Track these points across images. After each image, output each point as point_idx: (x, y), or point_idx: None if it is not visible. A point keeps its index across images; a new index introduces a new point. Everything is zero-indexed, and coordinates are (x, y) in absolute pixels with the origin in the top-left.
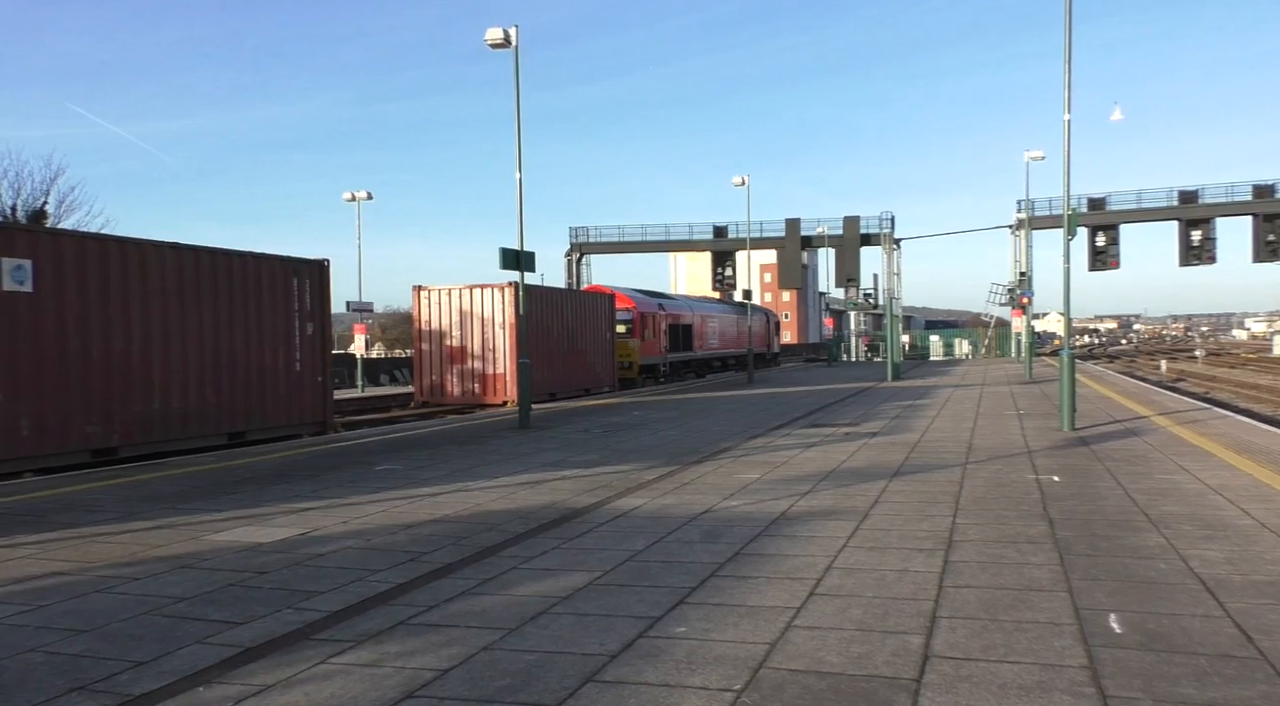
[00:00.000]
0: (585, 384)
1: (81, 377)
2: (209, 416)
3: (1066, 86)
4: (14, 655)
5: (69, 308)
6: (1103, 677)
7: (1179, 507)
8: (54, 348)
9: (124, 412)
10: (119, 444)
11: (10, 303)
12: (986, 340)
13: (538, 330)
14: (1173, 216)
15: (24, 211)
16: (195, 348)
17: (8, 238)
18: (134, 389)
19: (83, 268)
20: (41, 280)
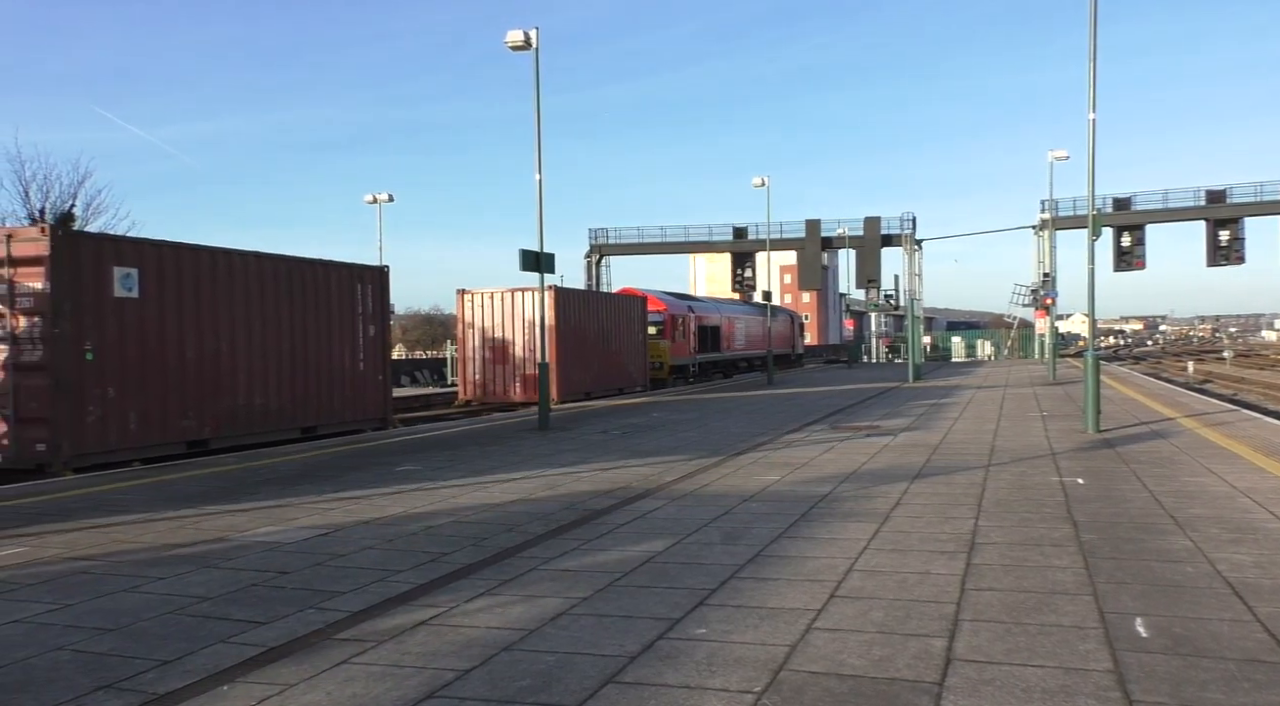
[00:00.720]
0: (619, 384)
1: (179, 376)
2: (285, 412)
3: (1091, 85)
4: (42, 653)
5: (169, 312)
6: (1128, 682)
7: (1206, 510)
8: (156, 348)
9: (214, 408)
10: (209, 436)
11: (120, 307)
12: (1009, 341)
13: (575, 332)
14: (1200, 216)
15: (52, 214)
16: (274, 348)
17: (118, 248)
18: (222, 386)
19: (180, 275)
20: (146, 287)
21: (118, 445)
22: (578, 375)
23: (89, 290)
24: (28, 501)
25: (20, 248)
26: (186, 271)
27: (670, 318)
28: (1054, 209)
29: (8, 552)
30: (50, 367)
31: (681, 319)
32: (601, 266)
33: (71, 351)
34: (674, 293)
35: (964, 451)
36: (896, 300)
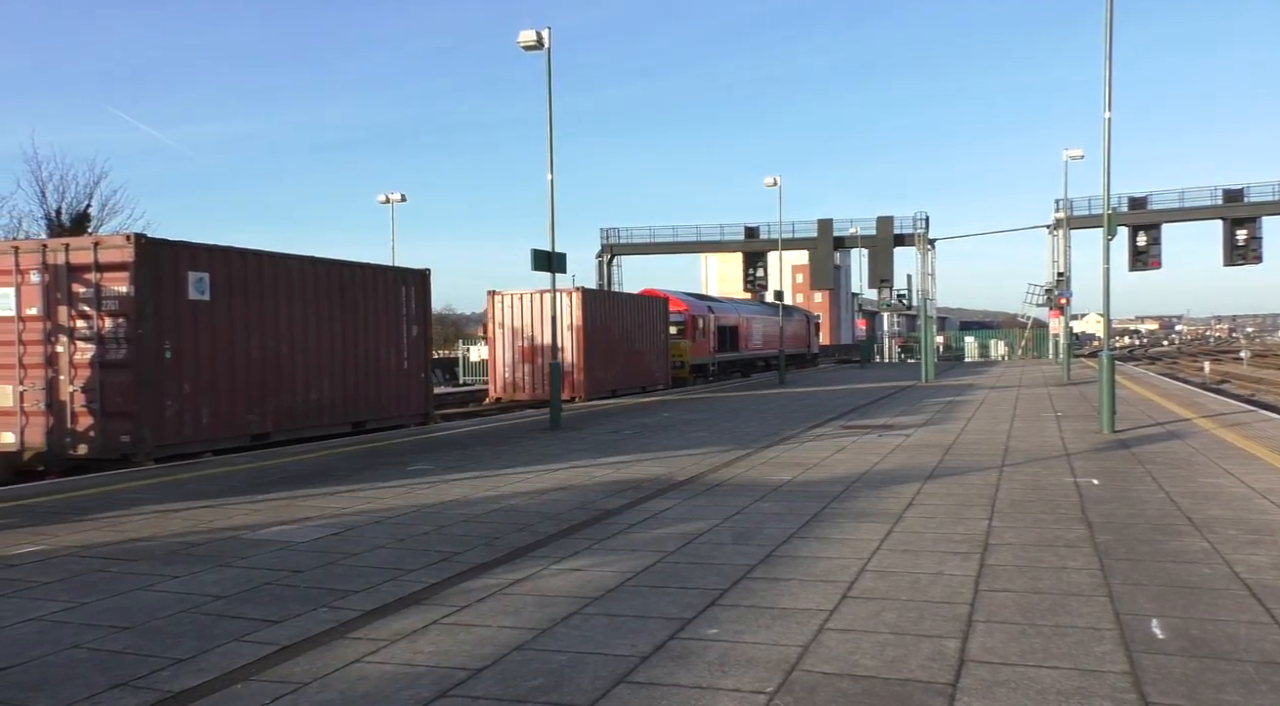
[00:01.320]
0: (643, 382)
1: (244, 373)
2: (338, 408)
3: (1107, 84)
4: (59, 651)
5: (236, 313)
6: (1144, 684)
7: (1223, 511)
8: (225, 348)
9: (275, 404)
10: (271, 430)
11: (193, 309)
12: (1023, 341)
13: (601, 332)
14: (1217, 216)
15: (68, 214)
16: (327, 348)
17: (192, 253)
18: (283, 383)
19: (245, 278)
20: (216, 290)
21: (192, 438)
22: (603, 374)
23: (167, 293)
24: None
25: (106, 254)
26: (251, 275)
27: (691, 318)
28: (1069, 208)
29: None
30: (133, 365)
31: (701, 319)
32: (613, 266)
33: (152, 350)
34: (694, 293)
35: (977, 451)
36: (909, 300)
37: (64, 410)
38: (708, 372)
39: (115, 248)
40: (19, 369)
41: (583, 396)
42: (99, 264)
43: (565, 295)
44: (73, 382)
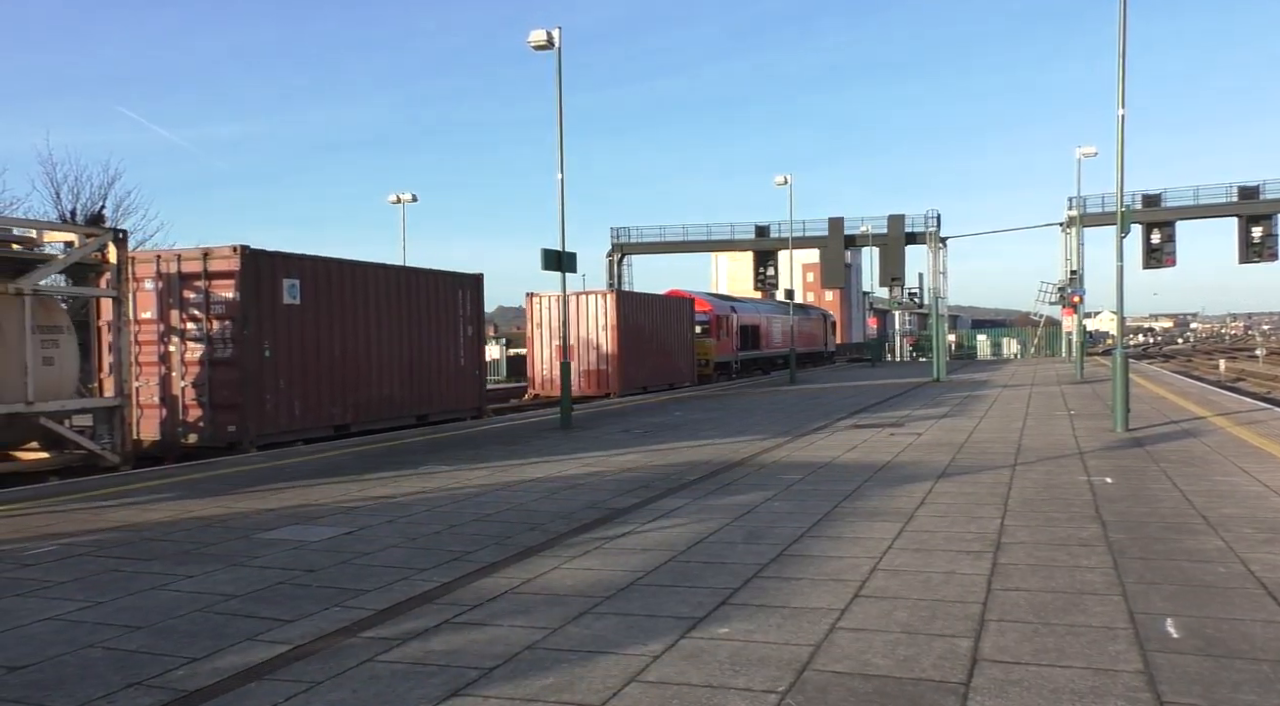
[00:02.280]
0: (670, 379)
1: (328, 370)
2: (405, 401)
3: (1121, 81)
4: (75, 650)
5: (321, 316)
6: (1159, 683)
7: (1239, 510)
8: (313, 347)
9: (353, 397)
10: (350, 422)
11: (287, 313)
12: (1036, 340)
13: (633, 332)
14: (1232, 213)
15: (83, 215)
16: (396, 346)
17: (285, 262)
18: (360, 379)
19: (328, 284)
20: (305, 295)
21: (287, 428)
22: (634, 371)
23: (265, 298)
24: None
25: (215, 264)
26: (333, 281)
27: (715, 318)
28: (1082, 205)
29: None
30: (239, 363)
31: (725, 319)
32: (623, 265)
33: (254, 349)
34: (718, 294)
35: (990, 450)
36: (921, 298)
37: (176, 403)
38: (731, 370)
39: (223, 258)
40: (135, 367)
41: (617, 392)
42: (208, 272)
43: (600, 297)
44: (184, 379)
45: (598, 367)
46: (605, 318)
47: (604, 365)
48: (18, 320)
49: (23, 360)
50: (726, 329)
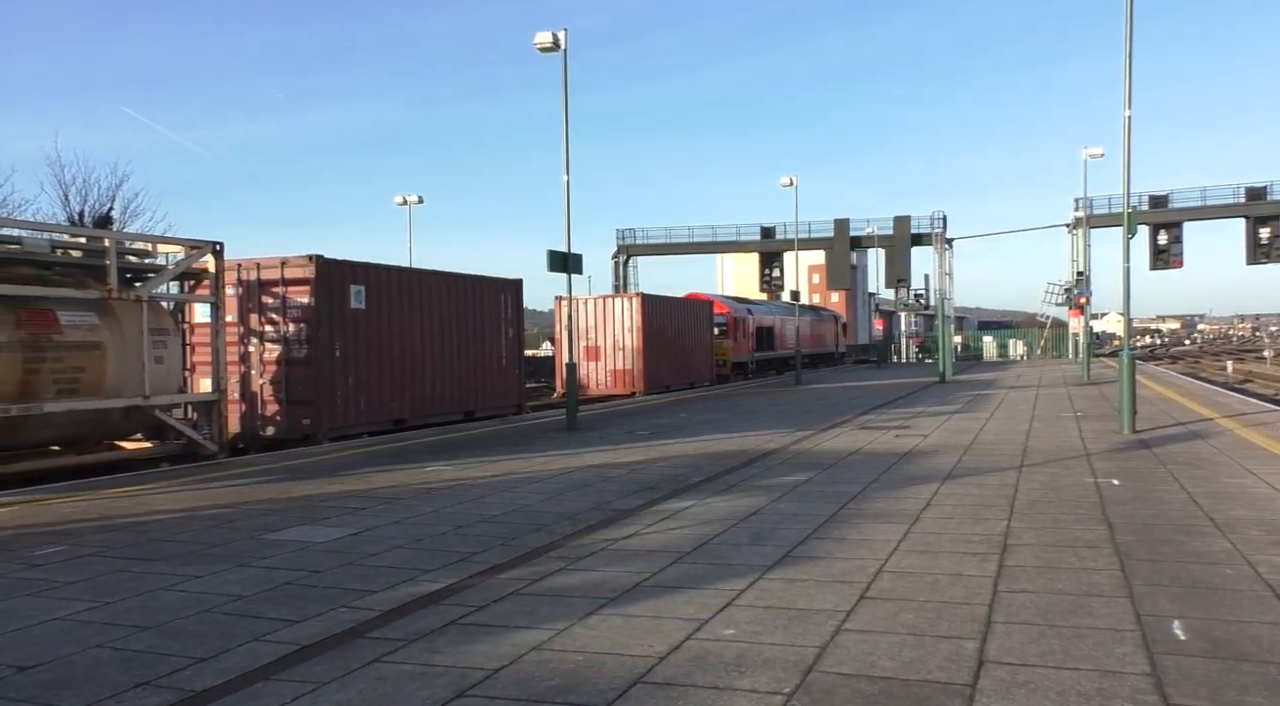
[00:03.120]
0: (691, 378)
1: (389, 369)
2: (454, 398)
3: (1127, 82)
4: (83, 650)
5: (382, 319)
6: (1166, 686)
7: (1246, 512)
8: (376, 348)
9: (410, 394)
10: (407, 416)
11: (354, 316)
12: (1042, 341)
13: (657, 334)
14: (1239, 214)
15: (91, 216)
16: (447, 347)
17: (353, 270)
18: (416, 377)
19: (388, 290)
20: (369, 300)
21: (354, 421)
22: (657, 371)
23: (336, 303)
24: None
25: (291, 271)
26: (393, 287)
27: (732, 320)
28: (1088, 207)
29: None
30: (313, 363)
31: (741, 321)
32: (629, 267)
33: (327, 350)
34: (734, 297)
35: (996, 452)
36: (927, 300)
37: (255, 399)
38: (747, 370)
39: (298, 266)
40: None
41: (641, 391)
42: (285, 279)
43: (626, 300)
44: (262, 377)
45: (623, 367)
46: (631, 320)
47: (629, 365)
48: (136, 323)
49: (140, 359)
50: (743, 331)
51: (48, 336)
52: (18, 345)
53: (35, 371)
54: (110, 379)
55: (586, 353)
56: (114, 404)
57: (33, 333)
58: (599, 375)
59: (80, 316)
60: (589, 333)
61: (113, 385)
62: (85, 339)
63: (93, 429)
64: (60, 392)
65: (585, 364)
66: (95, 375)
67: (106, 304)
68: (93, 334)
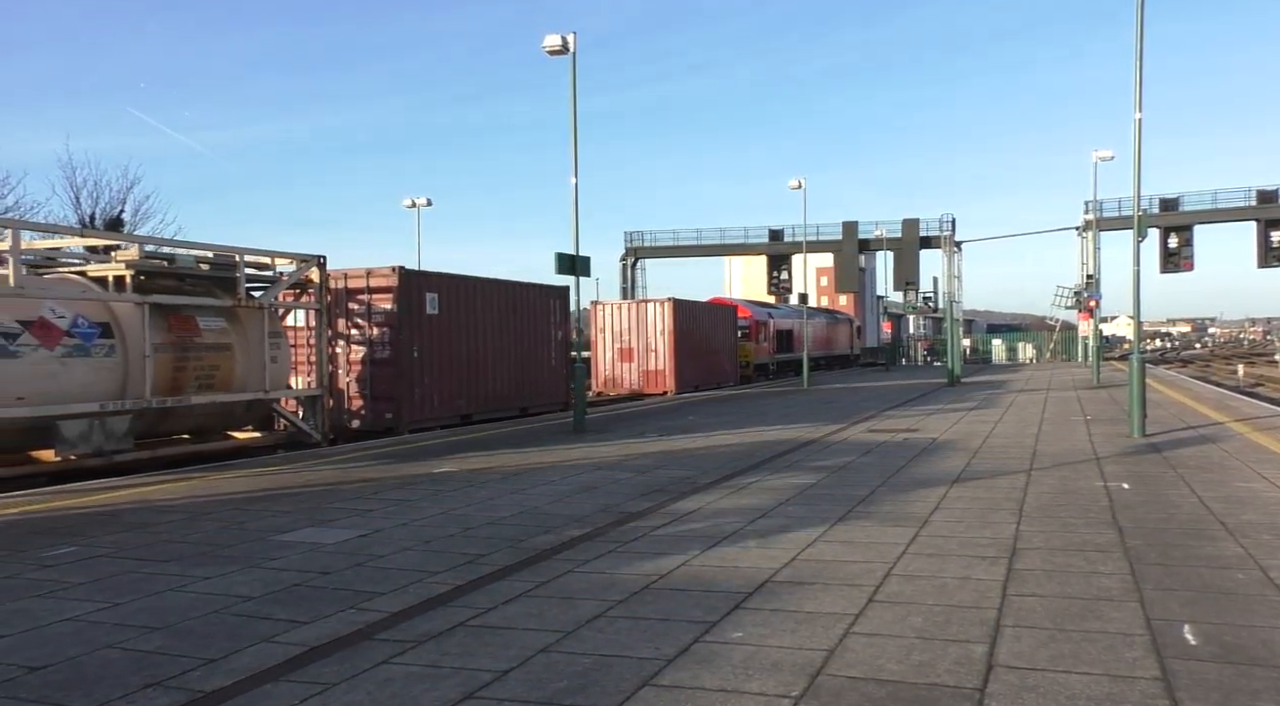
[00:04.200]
0: (718, 379)
1: (457, 369)
2: (511, 396)
3: (1137, 84)
4: (93, 651)
5: (452, 323)
6: (1177, 690)
7: (1258, 516)
8: (447, 349)
9: (475, 391)
10: (472, 412)
11: (429, 321)
12: (1052, 344)
13: (686, 336)
14: (1250, 217)
15: (102, 219)
16: (505, 349)
17: (428, 279)
18: (480, 376)
19: (457, 297)
20: (441, 306)
21: (428, 416)
22: (687, 372)
23: (415, 309)
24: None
25: (375, 281)
26: (460, 294)
27: (755, 323)
28: (1098, 209)
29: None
30: (394, 362)
31: (763, 324)
32: (636, 269)
33: (406, 352)
34: (756, 302)
35: (1005, 455)
36: (935, 302)
37: (342, 396)
38: (769, 371)
39: (382, 276)
40: (308, 365)
41: (673, 391)
42: (369, 288)
43: (658, 304)
44: (348, 375)
45: (656, 368)
46: (663, 323)
47: (661, 365)
48: (258, 328)
49: (261, 358)
50: (765, 334)
51: (190, 339)
52: (169, 346)
53: (182, 369)
54: (238, 376)
55: (620, 354)
56: (242, 397)
57: (179, 336)
58: (632, 375)
59: (214, 322)
60: (622, 335)
61: (239, 381)
62: (218, 341)
63: (220, 420)
64: (200, 387)
65: (619, 364)
66: (226, 373)
67: (234, 311)
68: (224, 337)
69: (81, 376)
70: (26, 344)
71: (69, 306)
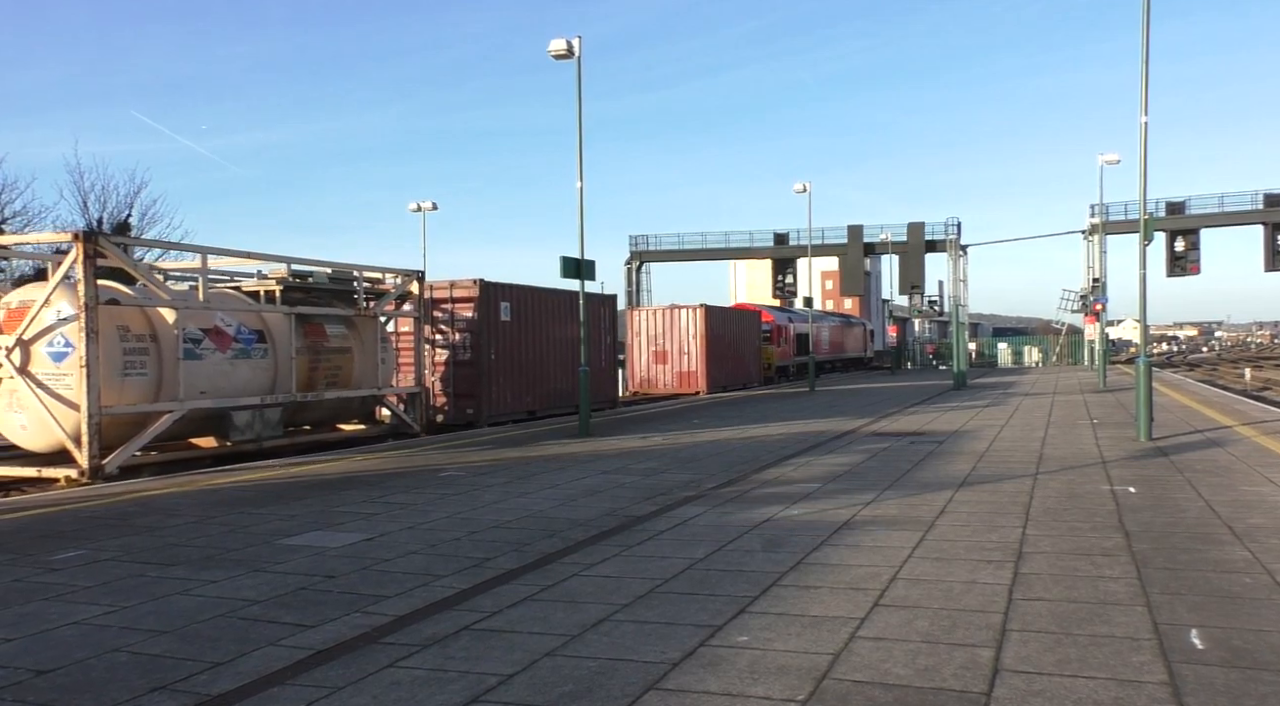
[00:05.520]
0: (743, 380)
1: (524, 369)
2: (568, 394)
3: (1143, 88)
4: (100, 654)
5: (520, 329)
6: (1184, 695)
7: (1266, 520)
8: (516, 352)
9: (539, 389)
10: (537, 408)
11: (503, 327)
12: (1058, 348)
13: (716, 340)
14: (1258, 220)
15: (109, 224)
16: (563, 351)
17: (502, 290)
18: (542, 376)
19: (524, 305)
20: (512, 314)
21: (502, 411)
22: (717, 373)
23: (492, 317)
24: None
25: (458, 292)
26: (528, 303)
27: (776, 327)
28: (1104, 213)
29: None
30: (475, 364)
31: (784, 328)
32: (642, 273)
33: (485, 354)
34: (777, 307)
35: (1011, 459)
36: (941, 306)
37: (428, 393)
38: (788, 372)
39: (464, 288)
40: (403, 366)
41: (705, 391)
42: (453, 298)
43: (691, 310)
44: (433, 375)
45: (689, 369)
46: (695, 328)
47: (694, 367)
48: (372, 334)
49: (375, 360)
50: (785, 337)
51: (321, 343)
52: (305, 350)
53: (315, 369)
54: (356, 375)
55: (655, 356)
56: (360, 393)
57: (313, 341)
58: (666, 376)
59: (337, 328)
60: (657, 339)
61: (357, 380)
62: (341, 345)
63: (339, 413)
64: (328, 385)
65: (654, 366)
66: (347, 372)
67: (352, 319)
68: (345, 341)
69: (245, 375)
70: (207, 348)
71: (233, 316)
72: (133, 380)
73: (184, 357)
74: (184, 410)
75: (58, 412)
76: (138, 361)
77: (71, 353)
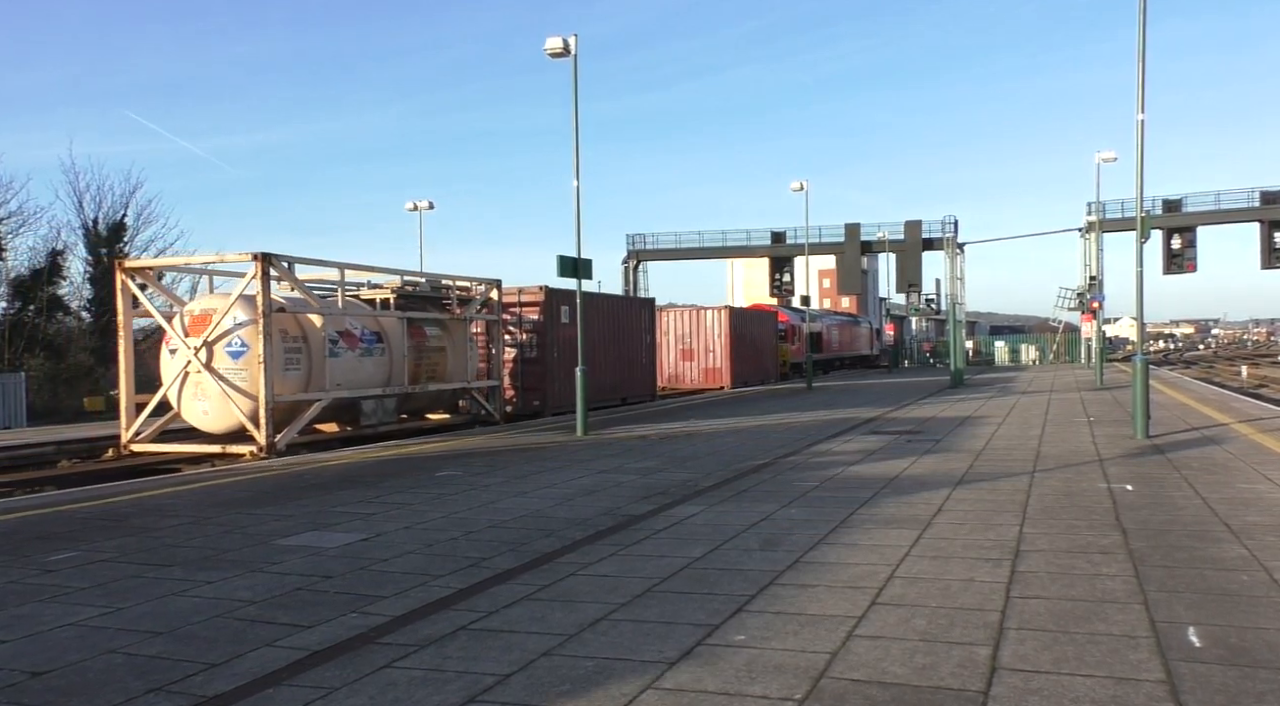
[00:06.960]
0: (761, 377)
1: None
2: (615, 388)
3: (1140, 86)
4: (96, 655)
5: (576, 330)
6: (1182, 693)
7: (1263, 518)
8: (573, 351)
9: (592, 384)
10: (590, 400)
11: (563, 329)
12: (1055, 346)
13: (738, 339)
14: (1254, 218)
15: (105, 224)
16: (612, 349)
17: (561, 295)
18: (595, 371)
19: (580, 309)
20: (570, 317)
21: (561, 404)
22: (739, 370)
23: (554, 319)
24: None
25: (525, 297)
26: (582, 307)
27: (790, 327)
28: (1101, 211)
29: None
30: (540, 361)
31: (797, 328)
32: (639, 272)
33: (549, 353)
34: (792, 307)
35: (1008, 457)
36: (938, 304)
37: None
38: (802, 369)
39: (531, 294)
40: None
41: (729, 387)
42: (520, 302)
43: (716, 311)
44: (503, 371)
45: (714, 366)
46: (720, 327)
47: (719, 363)
48: (462, 335)
49: (464, 358)
50: (799, 336)
51: (422, 343)
52: (411, 349)
53: (418, 365)
54: (448, 371)
55: (682, 354)
56: (454, 386)
57: (416, 342)
58: (692, 373)
59: (434, 330)
60: (684, 338)
61: (449, 375)
62: (437, 345)
63: (432, 404)
64: (428, 379)
65: (681, 363)
66: (442, 369)
67: (445, 322)
68: (440, 342)
69: (369, 370)
70: (341, 348)
71: (359, 321)
72: (291, 374)
73: (328, 356)
74: (329, 399)
75: (236, 400)
76: (294, 358)
77: (246, 351)
